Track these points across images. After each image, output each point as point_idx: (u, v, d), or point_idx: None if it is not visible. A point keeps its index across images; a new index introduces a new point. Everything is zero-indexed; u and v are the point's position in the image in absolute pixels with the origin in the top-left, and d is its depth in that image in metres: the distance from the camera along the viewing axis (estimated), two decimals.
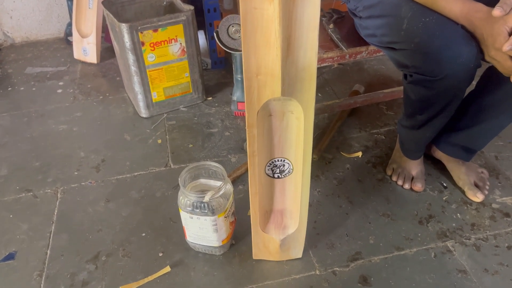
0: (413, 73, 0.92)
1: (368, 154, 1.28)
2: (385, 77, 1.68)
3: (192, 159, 1.29)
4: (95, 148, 1.35)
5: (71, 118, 1.50)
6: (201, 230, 0.94)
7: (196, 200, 0.90)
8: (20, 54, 1.96)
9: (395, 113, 1.46)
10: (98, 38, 1.80)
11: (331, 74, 1.71)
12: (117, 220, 1.09)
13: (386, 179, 1.19)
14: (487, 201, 1.11)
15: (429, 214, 1.08)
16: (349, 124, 1.41)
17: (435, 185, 1.16)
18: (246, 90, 0.69)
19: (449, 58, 0.83)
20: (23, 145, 1.38)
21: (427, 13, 0.85)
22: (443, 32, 0.83)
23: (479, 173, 1.15)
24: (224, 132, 1.40)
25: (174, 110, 1.51)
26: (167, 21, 1.33)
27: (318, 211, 1.10)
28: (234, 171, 1.21)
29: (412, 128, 1.07)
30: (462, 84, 0.89)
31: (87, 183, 1.22)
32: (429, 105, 0.97)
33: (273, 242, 0.92)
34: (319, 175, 1.21)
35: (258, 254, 0.96)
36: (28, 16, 2.01)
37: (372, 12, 0.98)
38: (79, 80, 1.73)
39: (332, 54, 1.11)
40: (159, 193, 1.17)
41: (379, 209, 1.10)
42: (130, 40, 1.31)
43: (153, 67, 1.39)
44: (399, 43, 0.90)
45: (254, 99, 0.70)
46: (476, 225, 1.05)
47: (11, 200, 1.17)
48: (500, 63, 0.80)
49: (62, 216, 1.11)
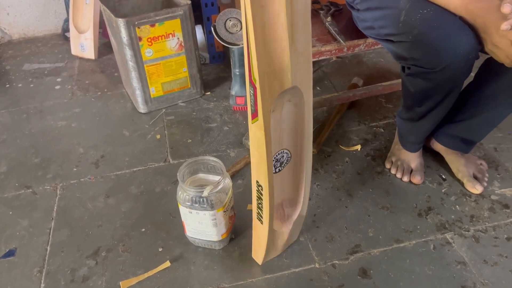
0: (412, 65, 0.92)
1: (367, 147, 1.28)
2: (384, 70, 1.68)
3: (191, 154, 1.29)
4: (94, 144, 1.35)
5: (69, 114, 1.50)
6: (201, 224, 0.94)
7: (195, 195, 0.90)
8: (18, 51, 1.95)
9: (394, 106, 1.45)
10: (95, 34, 1.80)
11: (329, 68, 1.70)
12: (117, 216, 1.09)
13: (385, 172, 1.19)
14: (486, 193, 1.11)
15: (428, 206, 1.08)
16: (348, 117, 1.41)
17: (434, 177, 1.16)
18: (261, 90, 0.66)
19: (447, 49, 0.83)
20: (22, 141, 1.38)
21: (425, 4, 0.85)
22: (441, 23, 0.83)
23: (478, 165, 1.15)
24: (223, 127, 1.40)
25: (172, 105, 1.51)
26: (164, 16, 1.33)
27: (317, 204, 1.10)
28: (233, 166, 1.21)
29: (411, 120, 1.07)
30: (460, 76, 0.89)
31: (87, 179, 1.22)
32: (428, 97, 0.97)
33: (282, 237, 0.92)
34: (318, 168, 1.21)
35: (267, 257, 0.95)
36: (25, 13, 2.01)
37: (369, 4, 0.97)
38: (77, 76, 1.73)
39: (330, 47, 1.10)
40: (158, 188, 1.17)
41: (378, 202, 1.10)
42: (127, 36, 1.30)
43: (150, 62, 1.39)
44: (397, 35, 0.90)
45: (266, 97, 0.68)
46: (475, 216, 1.05)
47: (11, 196, 1.17)
48: (503, 50, 0.80)
49: (61, 212, 1.11)
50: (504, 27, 0.74)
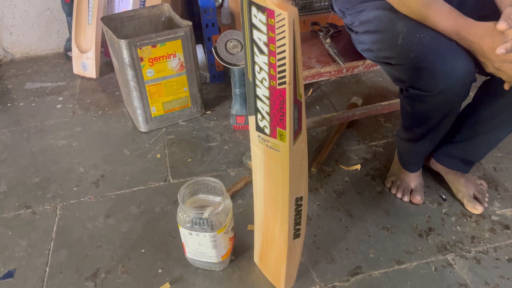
0: (409, 88, 0.93)
1: (367, 167, 1.28)
2: (382, 88, 1.69)
3: (191, 173, 1.29)
4: (95, 163, 1.35)
5: (70, 133, 1.51)
6: (201, 246, 0.94)
7: (195, 217, 0.90)
8: (20, 70, 1.97)
9: (393, 125, 1.46)
10: (97, 53, 1.82)
11: (329, 86, 1.72)
12: (116, 236, 1.09)
13: (385, 191, 1.19)
14: (487, 213, 1.11)
15: (429, 226, 1.08)
16: (347, 137, 1.42)
17: (434, 197, 1.16)
18: None
19: (444, 73, 0.84)
20: (23, 160, 1.38)
21: (421, 29, 0.86)
22: (438, 47, 0.84)
23: (478, 185, 1.15)
24: (223, 146, 1.40)
25: (173, 124, 1.52)
26: (165, 37, 1.34)
27: (317, 224, 1.10)
28: (233, 186, 1.21)
29: (410, 140, 1.08)
30: (458, 99, 0.90)
31: (86, 198, 1.22)
32: (426, 119, 0.97)
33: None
34: (318, 188, 1.21)
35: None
36: (28, 32, 2.03)
37: (368, 27, 0.99)
38: (79, 95, 1.74)
39: (329, 68, 1.12)
40: (158, 208, 1.17)
41: (378, 222, 1.10)
42: (129, 56, 1.32)
43: (152, 82, 1.40)
44: (395, 58, 0.91)
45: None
46: (476, 237, 1.05)
47: (10, 216, 1.17)
48: (507, 73, 0.81)
49: (61, 233, 1.11)
50: (499, 52, 0.75)
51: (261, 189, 0.85)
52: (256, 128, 0.75)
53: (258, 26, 0.62)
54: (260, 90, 0.69)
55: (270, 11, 0.59)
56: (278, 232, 0.84)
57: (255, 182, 0.86)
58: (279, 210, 0.81)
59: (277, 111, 0.68)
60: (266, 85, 0.67)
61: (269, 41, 0.62)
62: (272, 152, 0.75)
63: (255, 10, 0.61)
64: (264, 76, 0.66)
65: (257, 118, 0.74)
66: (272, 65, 0.64)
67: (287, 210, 0.79)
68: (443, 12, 0.84)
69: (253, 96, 0.72)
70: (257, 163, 0.82)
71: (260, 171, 0.82)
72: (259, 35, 0.63)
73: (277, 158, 0.74)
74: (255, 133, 0.77)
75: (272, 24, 0.60)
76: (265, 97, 0.69)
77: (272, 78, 0.65)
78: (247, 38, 0.66)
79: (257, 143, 0.78)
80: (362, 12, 1.02)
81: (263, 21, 0.61)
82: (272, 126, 0.71)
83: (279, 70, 0.63)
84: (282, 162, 0.74)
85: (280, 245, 0.86)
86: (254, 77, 0.69)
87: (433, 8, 0.84)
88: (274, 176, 0.78)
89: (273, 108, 0.69)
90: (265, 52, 0.64)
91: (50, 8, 1.99)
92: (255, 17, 0.62)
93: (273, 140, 0.73)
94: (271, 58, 0.63)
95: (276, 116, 0.69)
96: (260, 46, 0.64)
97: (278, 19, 0.58)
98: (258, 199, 0.88)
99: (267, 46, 0.63)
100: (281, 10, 0.57)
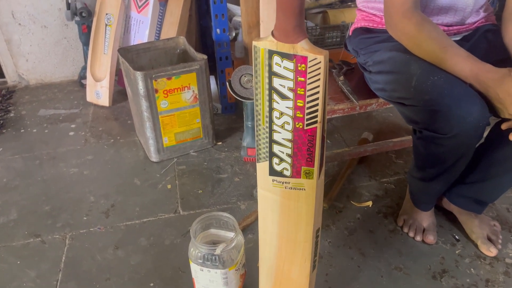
0: (423, 129, 0.93)
1: (378, 204, 1.28)
2: (393, 124, 1.70)
3: (201, 205, 1.29)
4: (105, 192, 1.36)
5: (82, 161, 1.52)
6: (211, 283, 0.93)
7: (207, 253, 0.90)
8: (34, 96, 2.01)
9: (404, 162, 1.46)
10: (111, 82, 1.85)
11: (339, 121, 1.73)
12: (125, 269, 1.08)
13: (398, 230, 1.18)
14: (501, 255, 1.09)
15: (443, 268, 1.06)
16: (359, 172, 1.41)
17: (447, 238, 1.15)
18: None
19: (458, 117, 0.84)
20: (34, 188, 1.39)
21: (435, 71, 0.87)
22: (452, 90, 0.85)
23: (492, 226, 1.14)
24: (233, 178, 1.41)
25: (184, 154, 1.53)
26: (181, 70, 1.37)
27: (329, 263, 1.08)
28: (244, 219, 1.21)
29: (422, 180, 1.07)
30: (471, 142, 0.90)
31: (96, 228, 1.22)
32: (440, 160, 0.97)
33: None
34: (330, 224, 1.20)
35: None
36: (44, 59, 2.08)
37: (381, 68, 1.00)
38: (91, 123, 1.76)
39: (343, 106, 1.13)
40: (168, 240, 1.16)
41: (391, 262, 1.08)
42: (144, 87, 1.34)
43: (165, 113, 1.42)
44: (409, 99, 0.92)
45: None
46: (490, 281, 1.03)
47: (19, 245, 1.17)
48: None
49: (70, 263, 1.10)
50: None
51: (273, 234, 0.81)
52: (270, 173, 0.74)
53: (282, 73, 0.63)
54: (279, 134, 0.69)
55: (301, 58, 0.60)
56: (298, 271, 0.83)
57: (264, 228, 0.82)
58: (299, 248, 0.80)
59: (305, 150, 0.68)
60: (289, 128, 0.67)
61: (297, 85, 0.63)
62: (293, 192, 0.74)
63: (278, 59, 0.62)
64: (287, 120, 0.67)
65: (272, 162, 0.73)
66: (300, 108, 0.65)
67: (309, 246, 0.78)
68: (461, 56, 0.85)
69: (268, 141, 0.71)
70: (268, 208, 0.79)
71: (272, 215, 0.79)
72: (282, 82, 0.64)
73: (300, 197, 0.74)
74: (267, 178, 0.75)
75: (303, 70, 0.61)
76: (287, 140, 0.69)
77: (299, 120, 0.66)
78: (262, 87, 0.66)
79: (270, 188, 0.75)
80: (376, 53, 1.04)
81: (289, 68, 0.62)
82: (296, 166, 0.71)
83: (308, 111, 0.64)
84: (307, 199, 0.73)
85: (299, 283, 0.85)
86: (271, 123, 0.69)
87: (450, 51, 0.86)
88: (294, 216, 0.76)
89: (301, 149, 0.69)
90: (289, 97, 0.65)
91: (67, 37, 2.04)
92: (277, 65, 0.63)
93: (295, 180, 0.72)
94: (299, 101, 0.64)
95: (302, 156, 0.69)
96: (283, 92, 0.65)
97: (312, 63, 0.60)
98: (268, 245, 0.84)
99: (293, 91, 0.64)
100: (316, 55, 0.59)
